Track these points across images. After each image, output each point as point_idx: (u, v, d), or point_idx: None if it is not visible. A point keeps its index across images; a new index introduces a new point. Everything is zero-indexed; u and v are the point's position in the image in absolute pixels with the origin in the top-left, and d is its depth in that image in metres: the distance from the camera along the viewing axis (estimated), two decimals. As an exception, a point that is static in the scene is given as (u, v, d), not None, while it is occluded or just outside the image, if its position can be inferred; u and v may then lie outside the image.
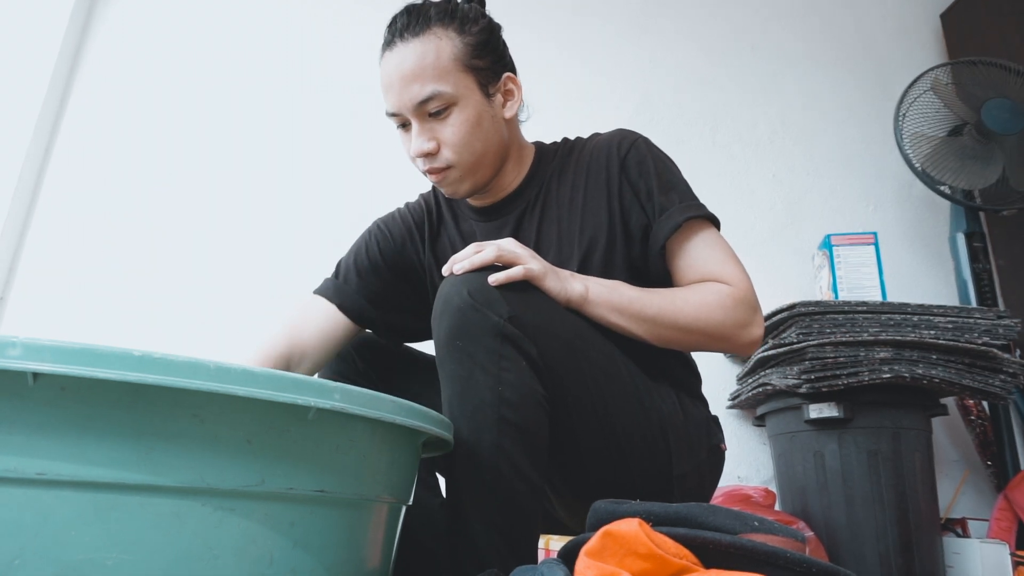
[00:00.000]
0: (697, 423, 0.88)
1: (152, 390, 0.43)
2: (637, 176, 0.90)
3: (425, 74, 0.85)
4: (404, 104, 0.87)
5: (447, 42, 0.87)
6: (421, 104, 0.86)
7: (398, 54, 0.86)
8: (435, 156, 0.89)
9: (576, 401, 0.76)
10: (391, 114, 0.89)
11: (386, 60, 0.88)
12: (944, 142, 1.69)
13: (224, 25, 2.10)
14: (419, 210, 1.06)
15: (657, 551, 0.47)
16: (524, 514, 0.70)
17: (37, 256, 1.87)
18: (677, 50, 2.09)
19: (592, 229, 0.90)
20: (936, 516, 1.38)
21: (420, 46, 0.85)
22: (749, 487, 1.45)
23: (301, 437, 0.50)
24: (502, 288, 0.73)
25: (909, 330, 1.34)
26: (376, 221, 1.08)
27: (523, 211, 0.96)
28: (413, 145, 0.88)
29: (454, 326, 0.71)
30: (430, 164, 0.89)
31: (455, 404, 0.71)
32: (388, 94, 0.88)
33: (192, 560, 0.44)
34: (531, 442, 0.71)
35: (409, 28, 0.86)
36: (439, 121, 0.87)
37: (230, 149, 1.98)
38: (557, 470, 0.81)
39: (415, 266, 1.03)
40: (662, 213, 0.88)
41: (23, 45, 1.97)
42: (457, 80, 0.87)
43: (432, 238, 1.03)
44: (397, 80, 0.86)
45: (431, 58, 0.85)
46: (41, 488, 0.41)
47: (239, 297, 1.84)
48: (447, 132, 0.87)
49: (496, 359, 0.70)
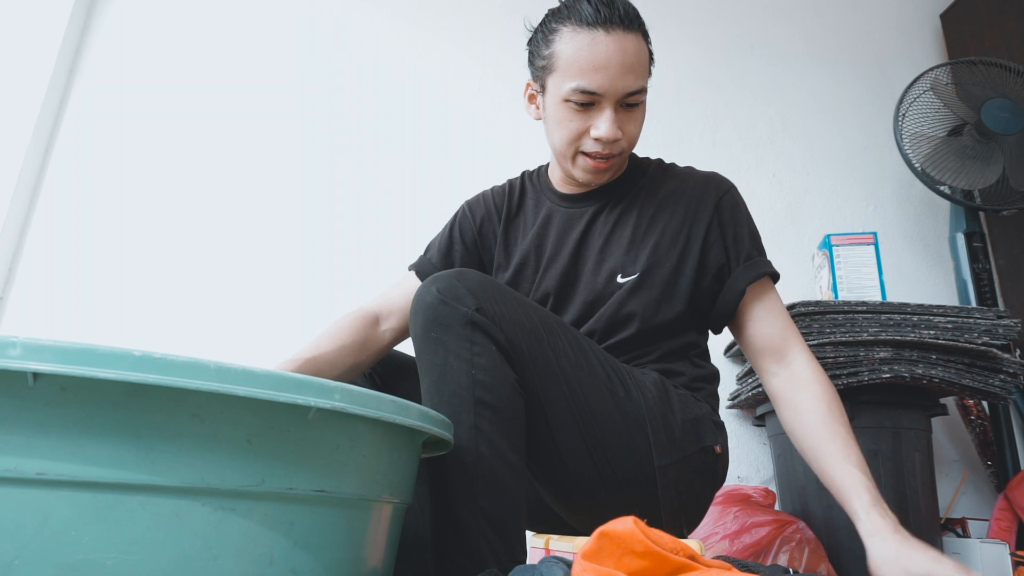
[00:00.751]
0: (686, 419, 0.89)
1: (152, 390, 0.43)
2: (729, 219, 0.97)
3: (640, 68, 0.91)
4: (616, 89, 0.90)
5: (646, 48, 0.94)
6: (631, 95, 0.91)
7: (619, 40, 0.89)
8: (617, 144, 0.93)
9: (545, 388, 0.79)
10: (589, 92, 0.90)
11: (599, 40, 0.89)
12: (944, 142, 1.69)
13: (225, 23, 2.10)
14: (502, 193, 1.12)
15: (655, 548, 0.47)
16: (508, 496, 0.72)
17: (37, 256, 1.87)
18: (677, 50, 2.09)
19: (664, 248, 0.96)
20: (936, 516, 1.38)
21: (638, 42, 0.91)
22: (749, 487, 1.45)
23: (301, 437, 0.50)
24: (468, 284, 0.77)
25: (909, 330, 1.34)
26: (465, 203, 1.15)
27: (603, 206, 1.02)
28: (606, 128, 0.91)
29: (427, 319, 0.76)
30: (610, 150, 0.93)
31: (433, 392, 0.75)
32: (597, 73, 0.89)
33: (192, 560, 0.44)
34: (508, 423, 0.75)
35: (627, 20, 0.90)
36: (628, 113, 0.93)
37: (231, 148, 1.98)
38: (537, 463, 0.83)
39: (489, 244, 1.10)
40: (748, 260, 0.96)
41: (23, 45, 1.97)
42: (647, 83, 0.95)
43: (509, 218, 1.09)
44: (617, 65, 0.89)
45: (644, 56, 0.93)
46: (41, 488, 0.41)
47: (239, 297, 1.83)
48: (631, 126, 0.94)
49: (468, 345, 0.75)
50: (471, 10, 2.12)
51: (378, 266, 1.86)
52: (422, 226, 1.85)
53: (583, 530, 0.90)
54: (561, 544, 0.78)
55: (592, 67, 0.89)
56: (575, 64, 0.90)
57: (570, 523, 0.93)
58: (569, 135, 0.93)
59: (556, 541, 0.81)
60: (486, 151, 1.98)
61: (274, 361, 0.95)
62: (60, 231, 1.90)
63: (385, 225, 1.91)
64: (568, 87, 0.91)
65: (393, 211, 1.92)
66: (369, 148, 1.98)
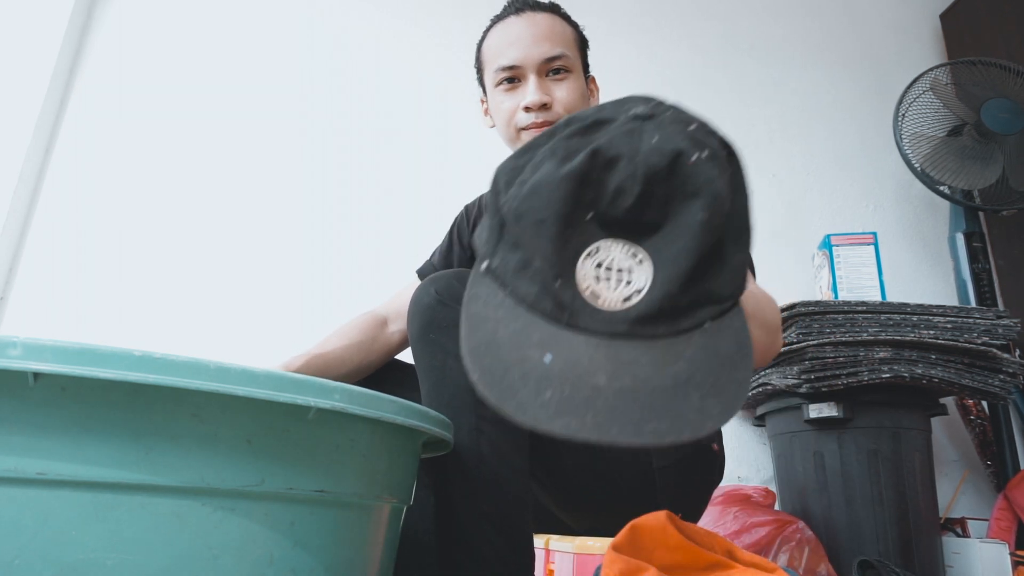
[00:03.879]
0: None
1: (152, 390, 0.43)
2: None
3: (555, 38, 0.96)
4: (531, 57, 0.94)
5: (569, 27, 1.00)
6: (548, 60, 0.94)
7: (529, 18, 0.96)
8: (549, 109, 0.94)
9: None
10: (507, 67, 0.95)
11: (511, 23, 0.97)
12: (944, 142, 1.69)
13: (225, 23, 2.10)
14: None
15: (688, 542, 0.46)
16: (511, 497, 0.71)
17: (37, 256, 1.87)
18: (676, 50, 2.09)
19: None
20: (936, 516, 1.38)
21: (551, 19, 0.97)
22: (749, 487, 1.45)
23: (301, 437, 0.50)
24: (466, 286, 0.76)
25: (908, 330, 1.34)
26: (464, 207, 1.17)
27: None
28: (531, 96, 0.93)
29: (425, 322, 0.76)
30: (544, 116, 0.94)
31: (432, 394, 0.75)
32: (511, 48, 0.95)
33: (192, 560, 0.44)
34: (509, 424, 0.73)
35: (537, 5, 0.98)
36: (555, 82, 0.95)
37: (231, 148, 1.98)
38: (535, 464, 0.82)
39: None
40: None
41: (24, 45, 1.97)
42: (575, 55, 0.98)
43: None
44: (528, 36, 0.94)
45: (560, 29, 0.97)
46: (41, 488, 0.41)
47: (240, 297, 1.83)
48: (562, 92, 0.95)
49: None
50: (471, 11, 2.12)
51: (378, 266, 1.86)
52: (423, 226, 1.85)
53: (581, 530, 0.90)
54: (561, 544, 0.78)
55: (507, 44, 0.96)
56: (495, 51, 0.97)
57: (568, 523, 0.92)
58: (506, 116, 0.97)
59: (556, 541, 0.81)
60: (486, 151, 1.98)
61: (274, 361, 0.95)
62: (60, 231, 1.90)
63: (385, 225, 1.91)
64: (492, 73, 0.97)
65: (394, 211, 1.92)
66: (369, 148, 1.98)
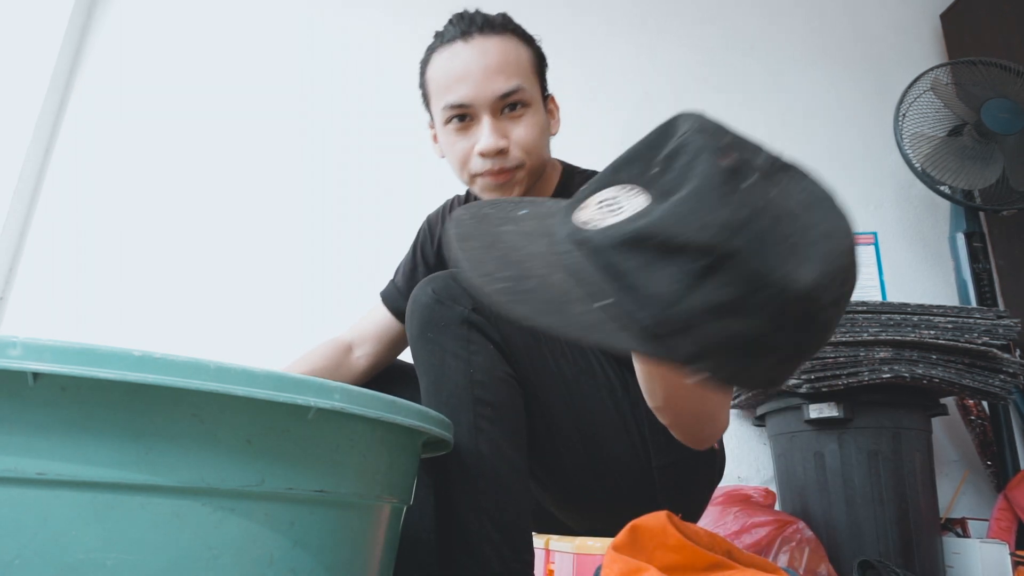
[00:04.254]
0: None
1: (152, 390, 0.43)
2: None
3: (510, 69, 0.85)
4: (483, 95, 0.84)
5: (524, 47, 0.88)
6: (503, 97, 0.84)
7: (479, 45, 0.84)
8: (506, 155, 0.86)
9: (543, 387, 0.78)
10: (457, 106, 0.85)
11: (458, 51, 0.85)
12: (944, 142, 1.69)
13: (225, 23, 2.10)
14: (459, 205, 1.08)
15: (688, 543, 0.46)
16: (510, 495, 0.71)
17: (37, 256, 1.87)
18: (676, 51, 2.09)
19: None
20: (936, 516, 1.38)
21: (504, 43, 0.85)
22: (749, 487, 1.45)
23: (301, 437, 0.50)
24: (463, 285, 0.76)
25: (909, 330, 1.34)
26: (427, 217, 1.11)
27: None
28: (486, 141, 0.84)
29: (424, 320, 0.76)
30: (501, 163, 0.86)
31: (431, 393, 0.75)
32: (460, 84, 0.84)
33: (192, 560, 0.44)
34: (507, 422, 0.74)
35: (486, 26, 0.85)
36: (512, 120, 0.86)
37: (231, 148, 1.98)
38: (534, 463, 0.83)
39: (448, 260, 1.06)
40: None
41: (24, 45, 1.97)
42: (532, 84, 0.87)
43: None
44: (478, 70, 0.83)
45: (514, 56, 0.86)
46: (41, 488, 0.41)
47: (240, 297, 1.83)
48: (520, 131, 0.86)
49: (465, 344, 0.74)
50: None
51: (378, 266, 1.86)
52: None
53: (581, 530, 0.90)
54: (561, 544, 0.78)
55: (455, 79, 0.84)
56: (441, 82, 0.86)
57: (567, 523, 0.92)
58: (458, 159, 0.88)
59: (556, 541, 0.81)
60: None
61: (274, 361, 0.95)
62: (60, 231, 1.90)
63: (386, 225, 1.91)
64: (440, 109, 0.86)
65: (394, 211, 1.92)
66: (369, 148, 1.98)
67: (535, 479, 0.87)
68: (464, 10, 0.88)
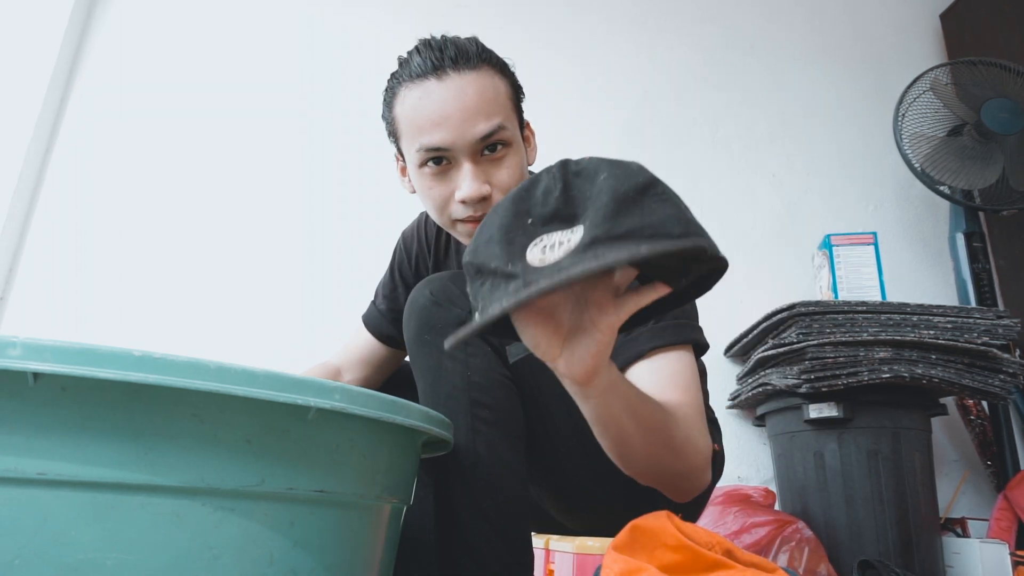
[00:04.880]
0: None
1: (152, 390, 0.43)
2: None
3: (488, 107, 0.79)
4: (463, 139, 0.78)
5: (500, 79, 0.82)
6: (484, 139, 0.78)
7: (454, 83, 0.78)
8: (489, 201, 0.80)
9: (540, 389, 0.78)
10: (435, 149, 0.79)
11: (431, 90, 0.78)
12: (944, 142, 1.69)
13: (225, 22, 2.10)
14: (433, 226, 1.05)
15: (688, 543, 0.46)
16: (509, 496, 0.72)
17: (37, 256, 1.87)
18: (676, 50, 2.09)
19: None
20: (936, 516, 1.38)
21: (480, 79, 0.79)
22: (749, 487, 1.45)
23: (301, 437, 0.50)
24: (462, 286, 0.75)
25: (909, 330, 1.34)
26: (401, 234, 1.09)
27: None
28: (467, 188, 0.78)
29: (421, 322, 0.75)
30: (483, 209, 0.80)
31: (429, 395, 0.75)
32: (436, 128, 0.78)
33: (192, 560, 0.44)
34: (505, 423, 0.74)
35: (461, 60, 0.79)
36: (493, 163, 0.80)
37: (231, 148, 1.98)
38: (533, 464, 0.83)
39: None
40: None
41: (24, 45, 1.97)
42: (511, 119, 0.82)
43: (438, 259, 1.05)
44: (457, 113, 0.77)
45: (491, 92, 0.80)
46: (41, 488, 0.41)
47: (240, 297, 1.83)
48: (502, 176, 0.80)
49: (462, 346, 0.74)
50: (472, 12, 2.12)
51: (378, 266, 1.85)
52: (422, 226, 1.85)
53: (580, 532, 0.90)
54: (561, 544, 0.78)
55: (431, 122, 0.78)
56: (414, 123, 0.79)
57: (567, 525, 0.92)
58: (436, 205, 0.83)
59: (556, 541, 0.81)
60: (486, 151, 1.98)
61: (274, 361, 0.95)
62: (60, 231, 1.90)
63: (386, 225, 1.90)
64: (415, 151, 0.80)
65: (394, 211, 1.92)
66: (369, 148, 1.98)
67: (534, 480, 0.87)
68: (431, 37, 0.82)
